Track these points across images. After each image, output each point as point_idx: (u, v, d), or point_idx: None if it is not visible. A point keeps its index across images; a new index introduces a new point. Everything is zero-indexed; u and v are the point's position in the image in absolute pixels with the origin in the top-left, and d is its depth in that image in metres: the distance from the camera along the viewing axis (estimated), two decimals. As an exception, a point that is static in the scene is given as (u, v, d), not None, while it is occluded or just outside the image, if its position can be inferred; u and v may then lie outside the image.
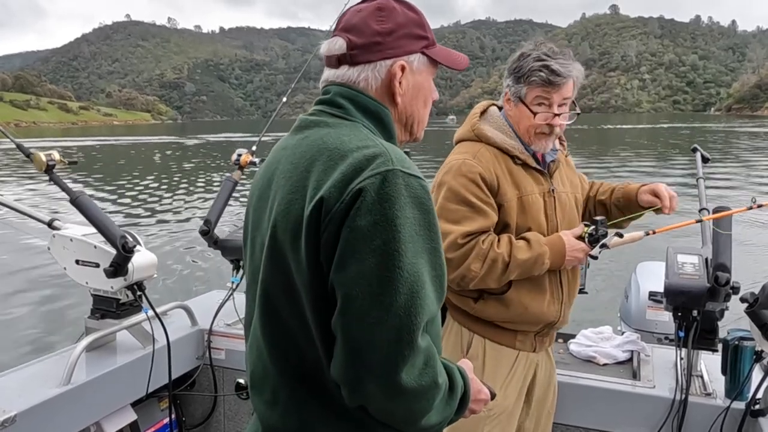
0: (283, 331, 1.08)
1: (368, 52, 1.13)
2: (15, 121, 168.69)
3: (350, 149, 1.02)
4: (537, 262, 1.83)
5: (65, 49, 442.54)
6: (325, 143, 1.06)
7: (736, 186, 16.66)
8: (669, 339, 2.99)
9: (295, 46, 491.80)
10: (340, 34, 1.15)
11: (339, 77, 1.15)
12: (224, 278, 3.03)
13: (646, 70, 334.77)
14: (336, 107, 1.14)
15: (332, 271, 0.98)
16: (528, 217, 1.89)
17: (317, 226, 0.98)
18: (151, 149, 42.04)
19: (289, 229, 1.02)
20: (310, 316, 1.03)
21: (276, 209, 1.06)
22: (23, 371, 2.19)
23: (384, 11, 1.14)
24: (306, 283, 1.01)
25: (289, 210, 1.03)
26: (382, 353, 0.95)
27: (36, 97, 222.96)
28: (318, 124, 1.12)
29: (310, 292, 1.01)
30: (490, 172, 1.85)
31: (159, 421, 2.58)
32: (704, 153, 2.57)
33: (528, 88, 1.85)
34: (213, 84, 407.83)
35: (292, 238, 1.02)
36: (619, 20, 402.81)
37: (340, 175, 0.98)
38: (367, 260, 0.94)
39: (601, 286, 6.87)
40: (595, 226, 1.88)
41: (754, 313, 1.88)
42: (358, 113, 1.13)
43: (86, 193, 2.24)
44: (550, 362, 2.11)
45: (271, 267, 1.07)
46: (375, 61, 1.14)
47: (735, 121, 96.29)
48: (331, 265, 0.98)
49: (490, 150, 1.91)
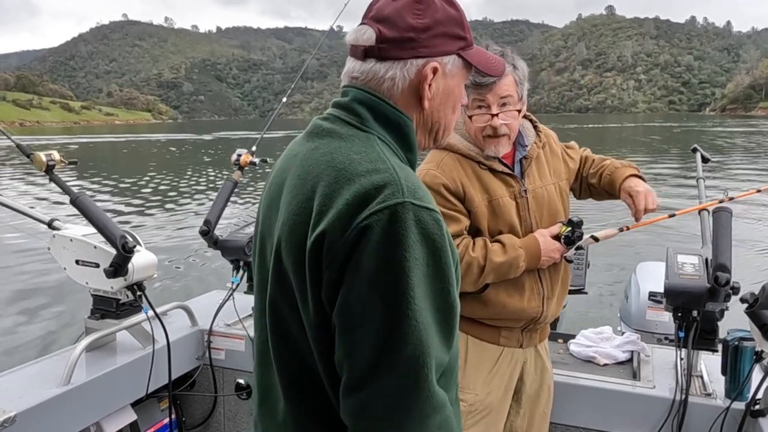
0: (293, 350, 1.01)
1: (399, 48, 1.03)
2: (19, 121, 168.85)
3: (359, 172, 0.93)
4: (513, 265, 1.84)
5: (62, 48, 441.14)
6: (333, 160, 0.97)
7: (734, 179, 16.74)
8: (669, 339, 3.00)
9: (292, 46, 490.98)
10: (370, 24, 1.04)
11: (364, 72, 1.05)
12: (224, 278, 3.02)
13: (641, 71, 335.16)
14: (353, 115, 1.04)
15: (335, 313, 0.91)
16: (500, 220, 1.89)
17: (319, 262, 0.91)
18: (152, 148, 41.98)
19: (293, 254, 0.95)
20: (314, 348, 0.96)
21: (281, 228, 0.99)
22: (23, 371, 2.19)
23: (422, 4, 1.03)
24: (309, 316, 0.95)
25: (293, 232, 0.96)
26: (389, 406, 0.88)
27: (38, 97, 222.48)
28: (331, 134, 1.03)
29: (313, 328, 0.95)
30: (454, 181, 1.85)
31: (159, 422, 2.57)
32: (704, 153, 2.58)
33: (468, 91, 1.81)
34: (210, 84, 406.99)
35: (295, 265, 0.95)
36: (615, 21, 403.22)
37: (344, 206, 0.90)
38: (373, 306, 0.87)
39: (601, 286, 6.89)
40: (571, 228, 1.90)
41: (754, 314, 1.88)
42: (375, 124, 1.03)
43: (86, 193, 2.23)
44: (542, 360, 2.10)
45: (277, 286, 1.00)
46: (405, 59, 1.03)
47: (728, 122, 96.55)
48: (333, 305, 0.91)
49: (454, 157, 1.90)
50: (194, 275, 8.38)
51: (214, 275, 7.88)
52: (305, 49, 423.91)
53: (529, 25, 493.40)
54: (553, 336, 2.63)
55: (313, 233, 0.91)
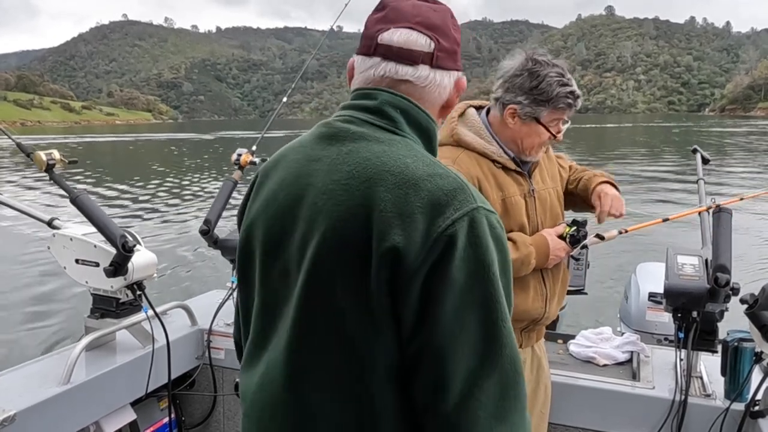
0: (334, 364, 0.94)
1: (450, 60, 1.05)
2: (21, 120, 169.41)
3: (420, 176, 0.91)
4: (525, 263, 1.84)
5: (62, 48, 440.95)
6: (384, 163, 0.93)
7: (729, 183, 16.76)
8: (669, 340, 3.00)
9: (291, 46, 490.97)
10: (421, 30, 1.02)
11: (415, 78, 1.02)
12: (224, 278, 3.02)
13: (641, 71, 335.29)
14: (385, 119, 1.00)
15: (429, 329, 0.87)
16: (511, 219, 1.89)
17: (393, 273, 0.86)
18: (153, 148, 41.98)
19: (346, 264, 0.90)
20: (372, 380, 0.91)
21: (319, 238, 0.92)
22: (23, 371, 2.19)
23: (455, 20, 1.07)
24: (374, 320, 0.89)
25: (344, 242, 0.90)
26: (498, 406, 0.88)
27: (39, 97, 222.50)
28: (364, 137, 0.98)
29: (379, 333, 0.90)
30: (471, 178, 1.84)
31: (158, 421, 2.57)
32: (704, 154, 2.58)
33: (550, 111, 1.85)
34: (210, 84, 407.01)
35: (348, 276, 0.90)
36: (615, 21, 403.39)
37: (420, 214, 0.87)
38: (469, 317, 0.86)
39: (601, 286, 6.89)
40: (576, 227, 1.92)
41: (754, 315, 1.88)
42: (408, 128, 1.01)
43: (86, 192, 2.23)
44: (539, 359, 2.10)
45: (312, 307, 0.94)
46: (451, 70, 1.06)
47: (727, 122, 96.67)
48: (413, 319, 0.87)
49: (469, 154, 1.90)
50: (194, 275, 8.38)
51: (214, 275, 7.88)
52: (305, 49, 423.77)
53: (529, 26, 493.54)
54: (553, 336, 2.63)
55: (384, 242, 0.87)
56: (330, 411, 0.94)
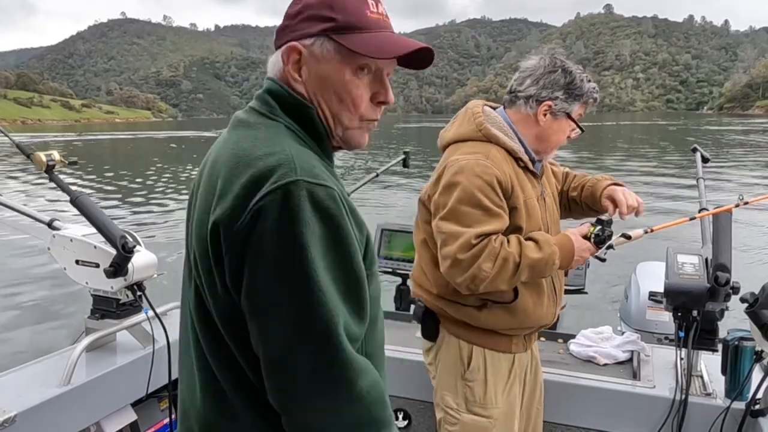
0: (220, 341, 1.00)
1: (278, 38, 1.05)
2: (21, 119, 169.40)
3: (256, 156, 0.94)
4: (548, 263, 1.79)
5: (60, 46, 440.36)
6: (237, 147, 0.98)
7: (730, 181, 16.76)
8: (669, 339, 3.00)
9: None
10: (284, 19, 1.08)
11: (270, 64, 1.09)
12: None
13: (639, 69, 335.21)
14: (264, 104, 1.05)
15: (243, 299, 0.91)
16: (532, 221, 1.87)
17: (218, 248, 0.92)
18: (153, 147, 41.92)
19: (199, 244, 0.97)
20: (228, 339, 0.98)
21: (194, 220, 1.02)
22: (23, 371, 2.18)
23: None
24: (218, 301, 0.96)
25: (199, 223, 0.98)
26: (314, 379, 0.90)
27: (39, 95, 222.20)
28: (243, 124, 1.04)
29: (225, 313, 0.96)
30: (505, 175, 1.81)
31: (159, 422, 2.57)
32: (704, 153, 2.58)
33: (580, 106, 1.90)
34: (209, 82, 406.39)
35: (201, 256, 0.97)
36: (613, 19, 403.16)
37: (240, 190, 0.91)
38: (279, 287, 0.88)
39: (601, 286, 6.87)
40: (601, 227, 1.86)
41: (754, 313, 1.88)
42: (281, 112, 1.03)
43: (86, 193, 2.23)
44: (536, 361, 2.12)
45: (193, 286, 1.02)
46: (279, 47, 1.05)
47: (725, 120, 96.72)
48: (239, 290, 0.91)
49: (500, 151, 1.87)
50: (194, 275, 8.37)
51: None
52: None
53: (528, 24, 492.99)
54: (553, 336, 2.64)
55: (211, 220, 0.93)
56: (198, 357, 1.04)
